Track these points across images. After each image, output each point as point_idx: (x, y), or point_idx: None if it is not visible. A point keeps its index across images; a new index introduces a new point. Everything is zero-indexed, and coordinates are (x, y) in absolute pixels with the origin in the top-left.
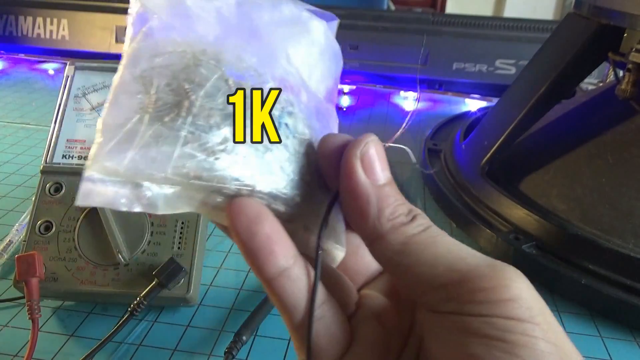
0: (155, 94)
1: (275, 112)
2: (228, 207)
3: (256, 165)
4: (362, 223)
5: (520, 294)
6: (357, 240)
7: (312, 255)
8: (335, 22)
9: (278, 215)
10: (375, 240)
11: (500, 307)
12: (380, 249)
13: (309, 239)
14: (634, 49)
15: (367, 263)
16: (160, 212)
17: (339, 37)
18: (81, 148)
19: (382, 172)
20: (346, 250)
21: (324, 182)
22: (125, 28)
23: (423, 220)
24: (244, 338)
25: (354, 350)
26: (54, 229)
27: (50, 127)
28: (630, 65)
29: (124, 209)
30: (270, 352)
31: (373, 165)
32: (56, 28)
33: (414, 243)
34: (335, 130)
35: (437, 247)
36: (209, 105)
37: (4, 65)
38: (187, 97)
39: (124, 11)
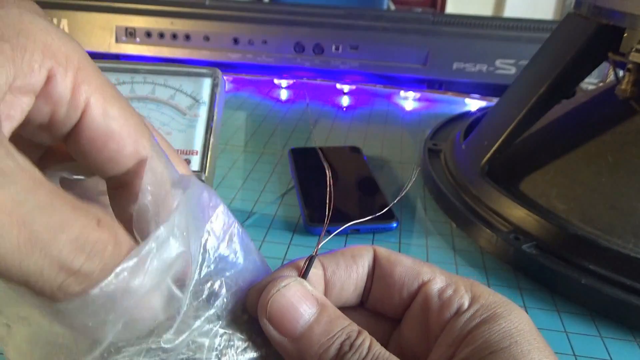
0: None
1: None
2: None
3: None
4: None
5: None
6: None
7: None
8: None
9: None
10: None
11: None
12: None
13: None
14: (634, 49)
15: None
16: None
17: (340, 37)
18: None
19: (297, 321)
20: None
21: None
22: (126, 28)
23: (354, 357)
24: None
25: None
26: None
27: None
28: (630, 65)
29: None
30: None
31: (283, 319)
32: None
33: None
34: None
35: None
36: None
37: None
38: None
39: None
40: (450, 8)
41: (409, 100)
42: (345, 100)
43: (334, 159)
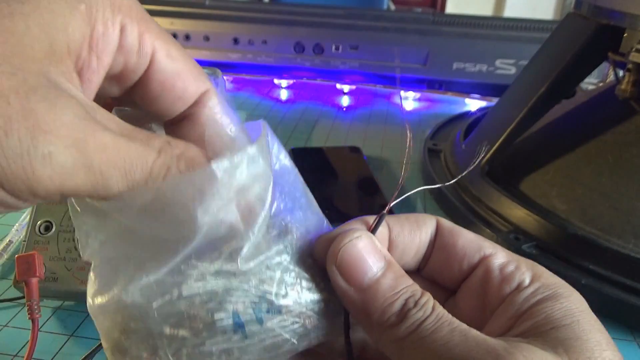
0: None
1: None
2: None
3: None
4: (360, 325)
5: None
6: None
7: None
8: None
9: None
10: (374, 341)
11: None
12: (380, 348)
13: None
14: (634, 49)
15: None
16: None
17: (340, 37)
18: None
19: (365, 272)
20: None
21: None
22: None
23: (419, 314)
24: None
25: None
26: (54, 229)
27: None
28: (630, 65)
29: None
30: None
31: (352, 270)
32: None
33: (405, 347)
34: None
35: (429, 345)
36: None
37: None
38: None
39: None
40: (450, 8)
41: (409, 100)
42: (345, 100)
43: (334, 159)
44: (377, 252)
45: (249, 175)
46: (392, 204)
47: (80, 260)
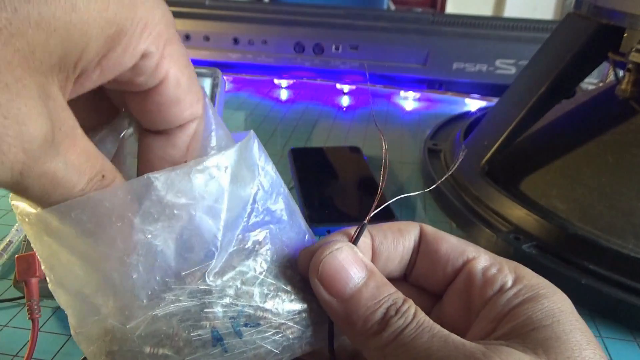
0: None
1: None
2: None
3: None
4: (344, 334)
5: None
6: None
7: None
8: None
9: None
10: (359, 348)
11: None
12: (365, 355)
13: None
14: (634, 49)
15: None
16: None
17: (340, 37)
18: None
19: (347, 283)
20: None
21: None
22: None
23: (400, 322)
24: None
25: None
26: None
27: None
28: (630, 65)
29: None
30: None
31: (333, 281)
32: None
33: (387, 354)
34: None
35: (411, 352)
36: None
37: None
38: None
39: None
40: (450, 8)
41: (409, 100)
42: (345, 100)
43: (334, 159)
44: (358, 262)
45: (198, 188)
46: (372, 214)
47: None
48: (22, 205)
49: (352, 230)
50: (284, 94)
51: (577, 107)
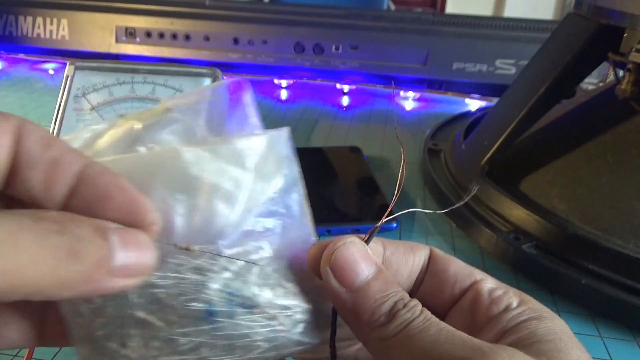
0: None
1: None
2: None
3: None
4: (349, 326)
5: None
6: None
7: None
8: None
9: None
10: (362, 341)
11: None
12: (367, 348)
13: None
14: (634, 49)
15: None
16: None
17: (340, 37)
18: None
19: (357, 274)
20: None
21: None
22: (126, 28)
23: (407, 315)
24: None
25: None
26: None
27: (50, 127)
28: (630, 65)
29: None
30: None
31: (345, 271)
32: (56, 28)
33: (392, 346)
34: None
35: (417, 343)
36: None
37: (4, 65)
38: None
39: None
40: (450, 8)
41: (409, 100)
42: (345, 100)
43: (334, 159)
44: (369, 257)
45: (223, 165)
46: (382, 222)
47: None
48: None
49: (362, 236)
50: (283, 94)
51: (577, 107)
